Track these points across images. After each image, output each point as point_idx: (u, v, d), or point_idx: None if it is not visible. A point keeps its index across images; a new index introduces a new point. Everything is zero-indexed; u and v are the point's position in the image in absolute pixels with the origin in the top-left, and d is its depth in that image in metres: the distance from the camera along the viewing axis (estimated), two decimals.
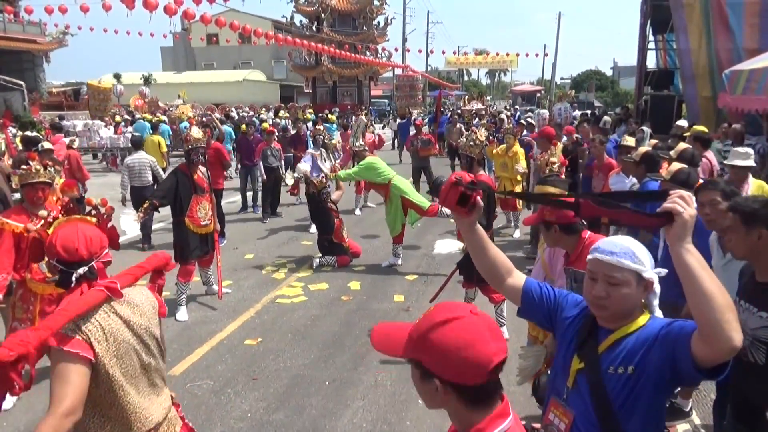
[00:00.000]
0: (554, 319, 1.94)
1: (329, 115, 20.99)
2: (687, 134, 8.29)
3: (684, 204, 1.50)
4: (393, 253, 7.50)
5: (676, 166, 4.00)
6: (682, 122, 10.82)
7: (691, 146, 5.73)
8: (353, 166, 8.01)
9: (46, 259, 2.04)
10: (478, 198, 1.67)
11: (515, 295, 1.93)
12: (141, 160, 8.48)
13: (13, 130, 14.27)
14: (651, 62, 17.99)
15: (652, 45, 17.35)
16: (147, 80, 35.32)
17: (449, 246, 4.78)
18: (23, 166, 4.28)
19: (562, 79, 65.33)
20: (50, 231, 2.03)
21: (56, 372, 1.82)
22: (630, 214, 1.60)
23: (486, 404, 1.24)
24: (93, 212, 2.14)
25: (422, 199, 7.32)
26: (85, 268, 1.99)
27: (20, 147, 9.24)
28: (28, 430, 3.92)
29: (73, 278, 1.97)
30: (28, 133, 10.36)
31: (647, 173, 4.92)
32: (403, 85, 29.55)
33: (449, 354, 1.18)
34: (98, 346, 1.91)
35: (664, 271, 1.76)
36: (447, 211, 6.50)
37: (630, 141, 6.44)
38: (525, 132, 10.66)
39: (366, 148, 8.24)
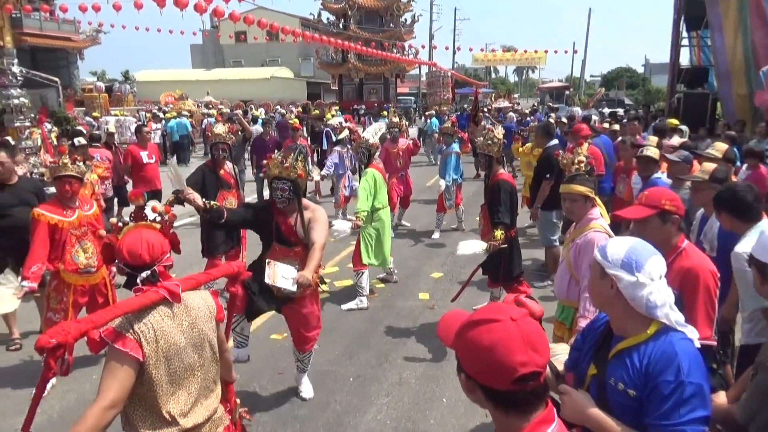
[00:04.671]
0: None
1: (383, 112, 21.07)
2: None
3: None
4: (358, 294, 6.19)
5: (711, 165, 3.89)
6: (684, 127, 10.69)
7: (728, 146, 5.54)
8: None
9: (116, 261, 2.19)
10: None
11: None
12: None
13: (49, 126, 14.62)
14: (684, 59, 17.61)
15: (685, 41, 16.97)
16: (126, 77, 33.56)
17: (473, 246, 4.69)
18: (51, 160, 4.40)
19: (591, 76, 64.31)
20: (120, 236, 2.18)
21: (107, 367, 1.95)
22: None
23: (518, 411, 1.24)
24: (157, 219, 2.28)
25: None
26: (148, 272, 2.11)
27: (55, 142, 9.46)
28: (61, 417, 4.03)
29: (138, 281, 2.11)
30: (81, 138, 10.02)
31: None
32: (433, 82, 29.12)
33: (474, 353, 1.22)
34: (147, 347, 2.00)
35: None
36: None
37: (652, 140, 6.34)
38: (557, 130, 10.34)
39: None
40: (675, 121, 9.44)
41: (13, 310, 4.08)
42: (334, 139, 13.26)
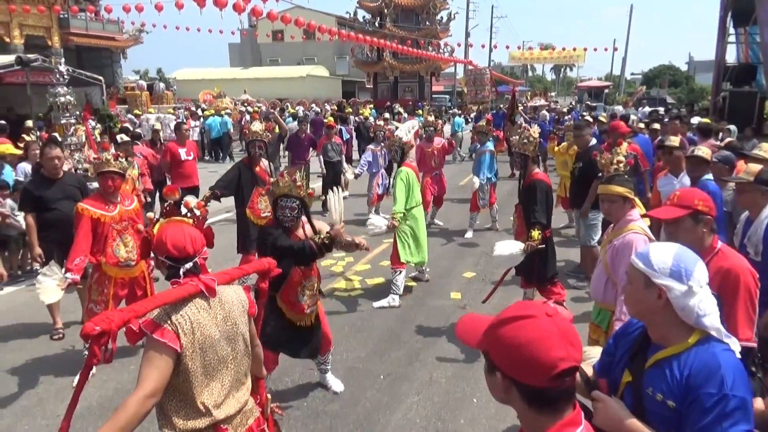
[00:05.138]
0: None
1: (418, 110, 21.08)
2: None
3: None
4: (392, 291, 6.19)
5: (756, 166, 3.74)
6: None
7: None
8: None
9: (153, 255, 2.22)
10: None
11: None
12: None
13: (93, 123, 15.09)
14: (731, 56, 17.02)
15: (732, 38, 16.40)
16: (160, 76, 32.92)
17: (510, 247, 4.61)
18: (94, 156, 4.56)
19: (632, 74, 62.71)
20: (154, 230, 2.21)
21: (146, 357, 2.00)
22: None
23: (551, 410, 1.22)
24: (189, 214, 2.31)
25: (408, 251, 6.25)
26: (191, 264, 2.16)
27: (99, 139, 9.74)
28: (100, 405, 4.16)
29: (181, 273, 2.15)
30: (123, 135, 9.82)
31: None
32: (468, 80, 28.71)
33: (511, 349, 1.20)
34: (185, 338, 2.04)
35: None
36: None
37: (675, 141, 6.13)
38: (595, 128, 10.14)
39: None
40: (707, 121, 9.25)
41: (57, 300, 4.22)
42: (345, 137, 13.37)
